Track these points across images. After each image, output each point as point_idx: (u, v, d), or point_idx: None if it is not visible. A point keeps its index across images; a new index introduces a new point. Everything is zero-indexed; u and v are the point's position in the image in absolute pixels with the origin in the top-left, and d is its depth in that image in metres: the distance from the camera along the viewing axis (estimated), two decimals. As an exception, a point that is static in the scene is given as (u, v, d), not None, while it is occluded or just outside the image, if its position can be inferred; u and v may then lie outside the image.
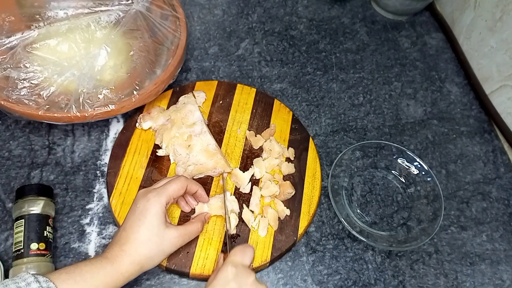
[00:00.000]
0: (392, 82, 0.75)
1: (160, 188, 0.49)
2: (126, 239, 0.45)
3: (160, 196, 0.47)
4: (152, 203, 0.46)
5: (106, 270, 0.43)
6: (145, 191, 0.49)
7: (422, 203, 0.60)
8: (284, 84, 0.72)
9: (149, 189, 0.49)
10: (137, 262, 0.44)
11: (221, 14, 0.80)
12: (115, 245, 0.45)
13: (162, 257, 0.47)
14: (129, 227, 0.46)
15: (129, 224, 0.46)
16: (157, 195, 0.47)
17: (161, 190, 0.48)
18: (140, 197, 0.48)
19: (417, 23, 0.85)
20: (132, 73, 0.62)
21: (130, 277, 0.44)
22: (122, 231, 0.46)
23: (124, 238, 0.45)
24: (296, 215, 0.57)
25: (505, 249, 0.59)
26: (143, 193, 0.48)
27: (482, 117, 0.73)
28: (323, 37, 0.80)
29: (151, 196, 0.47)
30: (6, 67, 0.57)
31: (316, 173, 0.61)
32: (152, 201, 0.47)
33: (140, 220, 0.46)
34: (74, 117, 0.54)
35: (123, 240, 0.45)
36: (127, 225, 0.46)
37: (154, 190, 0.48)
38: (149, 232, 0.45)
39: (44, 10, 0.64)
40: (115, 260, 0.43)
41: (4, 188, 0.56)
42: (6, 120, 0.62)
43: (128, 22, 0.63)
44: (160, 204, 0.47)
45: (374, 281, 0.55)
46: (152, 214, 0.46)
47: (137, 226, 0.45)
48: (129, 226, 0.46)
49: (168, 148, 0.59)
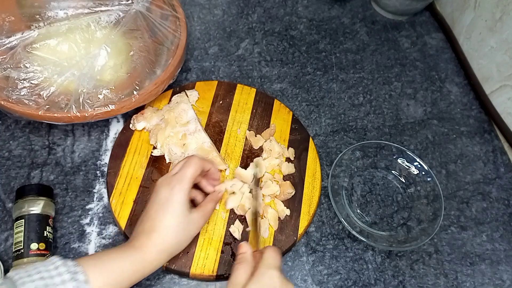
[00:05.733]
0: (392, 82, 0.75)
1: (180, 174, 0.48)
2: (153, 228, 0.45)
3: (182, 183, 0.47)
4: (176, 191, 0.47)
5: (134, 258, 0.43)
6: (166, 178, 0.49)
7: (422, 203, 0.60)
8: (284, 84, 0.72)
9: (169, 176, 0.49)
10: (165, 250, 0.45)
11: (221, 14, 0.80)
12: (142, 234, 0.45)
13: (188, 241, 0.48)
14: (155, 216, 0.46)
15: (155, 213, 0.46)
16: (179, 182, 0.47)
17: (182, 177, 0.48)
18: (162, 185, 0.48)
19: (417, 23, 0.85)
20: (132, 73, 0.62)
21: (158, 265, 0.45)
22: (148, 220, 0.46)
23: (150, 227, 0.45)
24: (296, 215, 0.57)
25: (505, 249, 0.59)
26: (165, 181, 0.48)
27: (482, 117, 0.72)
28: (323, 37, 0.80)
29: (174, 184, 0.47)
30: (6, 67, 0.57)
31: (316, 173, 0.61)
32: (177, 189, 0.47)
33: (165, 209, 0.46)
34: (74, 117, 0.54)
35: (150, 229, 0.45)
36: (152, 214, 0.46)
37: (175, 178, 0.48)
38: (175, 220, 0.46)
39: (44, 10, 0.64)
40: (143, 249, 0.44)
41: (4, 188, 0.56)
42: (6, 120, 0.62)
43: (128, 22, 0.63)
44: (184, 191, 0.47)
45: (374, 281, 0.55)
46: (177, 202, 0.46)
47: (163, 214, 0.46)
48: (154, 215, 0.46)
49: (163, 148, 0.59)
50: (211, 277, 0.51)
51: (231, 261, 0.52)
